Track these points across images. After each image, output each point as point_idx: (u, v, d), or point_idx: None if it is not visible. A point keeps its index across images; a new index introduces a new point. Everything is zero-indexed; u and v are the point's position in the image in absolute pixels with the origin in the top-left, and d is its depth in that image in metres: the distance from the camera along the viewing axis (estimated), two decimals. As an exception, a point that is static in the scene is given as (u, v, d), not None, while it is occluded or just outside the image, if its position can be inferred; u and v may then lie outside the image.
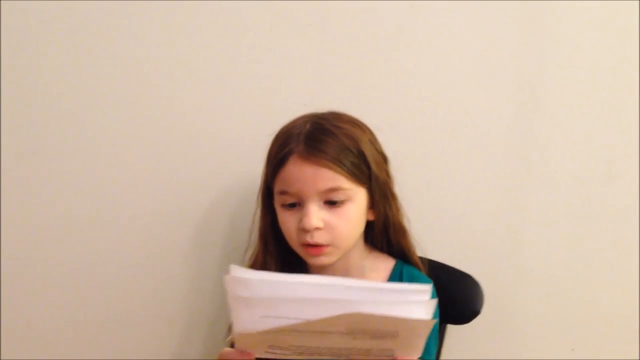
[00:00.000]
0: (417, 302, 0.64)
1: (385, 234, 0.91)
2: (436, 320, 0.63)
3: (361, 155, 0.83)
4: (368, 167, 0.84)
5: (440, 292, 0.88)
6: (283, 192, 0.83)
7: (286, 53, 1.04)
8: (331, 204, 0.82)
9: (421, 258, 0.94)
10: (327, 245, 0.83)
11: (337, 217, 0.82)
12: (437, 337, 0.93)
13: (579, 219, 1.11)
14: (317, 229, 0.81)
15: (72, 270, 1.09)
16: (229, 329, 0.81)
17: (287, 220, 0.84)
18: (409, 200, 0.94)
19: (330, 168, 0.80)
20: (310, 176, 0.80)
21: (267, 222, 0.89)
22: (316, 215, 0.81)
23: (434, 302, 0.64)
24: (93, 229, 1.07)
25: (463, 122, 1.07)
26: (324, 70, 1.05)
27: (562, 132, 1.08)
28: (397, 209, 0.90)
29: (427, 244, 0.94)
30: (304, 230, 0.82)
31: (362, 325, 0.64)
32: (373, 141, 0.87)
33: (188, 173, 1.06)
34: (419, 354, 0.71)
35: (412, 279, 0.90)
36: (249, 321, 0.65)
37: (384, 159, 0.88)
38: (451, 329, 1.00)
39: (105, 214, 1.07)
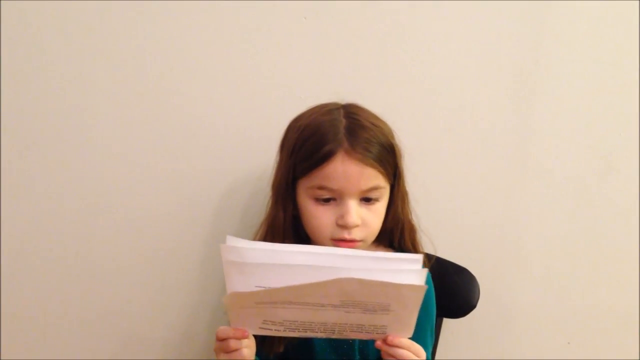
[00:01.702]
0: (408, 270, 0.65)
1: (395, 230, 0.91)
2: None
3: (393, 153, 0.84)
4: (397, 165, 0.86)
5: (437, 286, 0.90)
6: (321, 187, 0.81)
7: (281, 46, 1.04)
8: (367, 200, 0.83)
9: (428, 255, 0.94)
10: (360, 241, 0.83)
11: (371, 214, 0.83)
12: (434, 333, 0.93)
13: (576, 214, 1.11)
14: (356, 225, 0.82)
15: (74, 268, 1.09)
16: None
17: (320, 215, 0.83)
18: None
19: (375, 167, 0.81)
20: (355, 175, 0.80)
21: (289, 214, 0.87)
22: (357, 212, 0.81)
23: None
24: (98, 225, 1.07)
25: (460, 117, 1.08)
26: (319, 64, 1.04)
27: (560, 128, 1.09)
28: (408, 207, 0.91)
29: (424, 238, 0.95)
30: (342, 227, 0.82)
31: (355, 295, 0.65)
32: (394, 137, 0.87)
33: (196, 168, 1.06)
34: (410, 333, 0.71)
35: None
36: (243, 289, 0.66)
37: (401, 154, 0.89)
38: (447, 322, 1.00)
39: (110, 211, 1.07)
